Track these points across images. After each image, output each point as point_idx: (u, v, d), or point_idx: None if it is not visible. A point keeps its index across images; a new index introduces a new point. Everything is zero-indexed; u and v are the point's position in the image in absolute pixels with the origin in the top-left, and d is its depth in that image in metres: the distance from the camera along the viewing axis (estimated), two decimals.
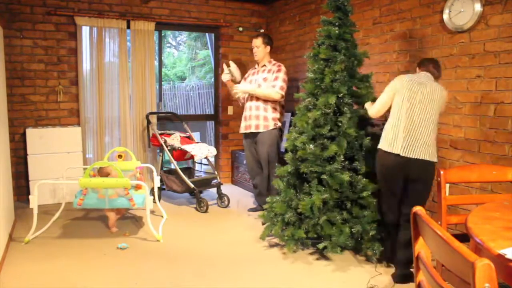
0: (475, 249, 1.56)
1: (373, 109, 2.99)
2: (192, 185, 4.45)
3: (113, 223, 3.75)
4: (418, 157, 2.66)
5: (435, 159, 2.73)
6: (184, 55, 11.29)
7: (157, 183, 4.14)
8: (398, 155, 2.70)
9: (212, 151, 4.75)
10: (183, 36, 11.23)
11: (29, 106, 4.70)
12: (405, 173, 2.74)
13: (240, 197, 5.07)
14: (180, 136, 4.94)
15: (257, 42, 4.29)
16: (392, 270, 2.95)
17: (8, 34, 4.44)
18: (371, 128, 3.36)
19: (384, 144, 2.80)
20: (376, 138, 3.01)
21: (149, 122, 4.99)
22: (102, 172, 3.68)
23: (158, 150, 5.11)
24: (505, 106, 2.87)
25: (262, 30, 5.81)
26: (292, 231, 3.17)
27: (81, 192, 3.49)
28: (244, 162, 5.39)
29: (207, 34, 6.25)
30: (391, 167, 2.78)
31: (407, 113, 2.71)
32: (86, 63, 4.86)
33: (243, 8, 5.70)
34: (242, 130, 4.36)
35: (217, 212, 4.44)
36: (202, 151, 4.60)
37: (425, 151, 2.67)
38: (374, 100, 3.16)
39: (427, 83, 2.74)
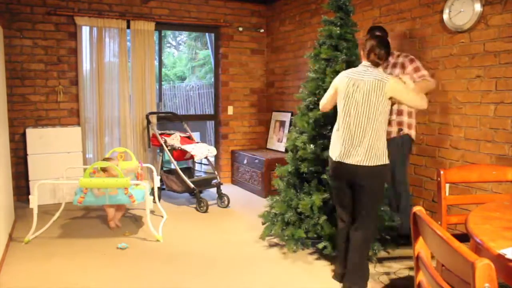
0: (475, 249, 1.56)
1: (320, 103, 2.88)
2: (192, 185, 4.45)
3: (112, 218, 3.76)
4: (358, 164, 2.49)
5: (381, 162, 2.51)
6: (184, 55, 11.29)
7: (157, 183, 4.14)
8: (338, 162, 2.56)
9: (212, 151, 4.75)
10: (183, 36, 11.23)
11: (29, 106, 4.70)
12: (348, 180, 2.60)
13: (240, 197, 5.07)
14: (180, 136, 4.94)
15: None
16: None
17: (8, 34, 4.44)
18: None
19: (330, 150, 2.72)
20: None
21: (149, 122, 4.99)
22: (110, 173, 3.69)
23: (158, 150, 5.11)
24: (505, 106, 2.87)
25: (262, 30, 5.82)
26: (292, 231, 3.17)
27: (81, 189, 3.50)
28: (245, 161, 5.40)
29: (207, 34, 6.25)
30: (334, 174, 2.67)
31: (344, 116, 2.56)
32: (86, 63, 4.86)
33: (243, 8, 5.71)
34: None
35: (217, 212, 4.44)
36: (202, 151, 4.60)
37: (367, 157, 2.48)
38: None
39: (364, 78, 2.51)
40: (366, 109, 2.48)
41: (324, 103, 2.83)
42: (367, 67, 2.56)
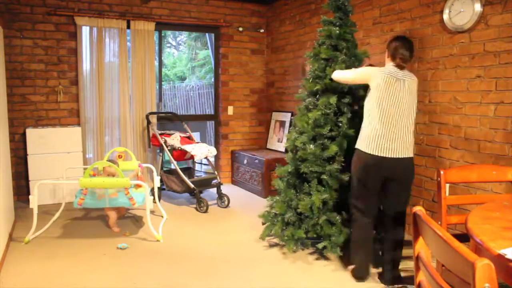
0: (475, 249, 1.56)
1: (341, 74, 2.94)
2: (192, 185, 4.45)
3: (114, 222, 3.76)
4: (399, 156, 2.62)
5: (412, 155, 2.71)
6: (184, 55, 11.28)
7: (157, 183, 4.14)
8: (377, 156, 2.63)
9: (212, 151, 4.75)
10: (183, 36, 11.22)
11: (29, 106, 4.70)
12: (384, 173, 2.68)
13: (240, 197, 5.07)
14: (180, 136, 4.94)
15: None
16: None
17: (8, 34, 4.44)
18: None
19: (362, 144, 2.73)
20: None
21: (149, 122, 4.99)
22: (106, 172, 3.69)
23: (158, 150, 5.11)
24: (505, 106, 2.87)
25: (262, 30, 5.82)
26: (292, 231, 3.17)
27: (81, 191, 3.50)
28: (245, 162, 5.39)
29: (207, 34, 6.25)
30: (371, 169, 2.70)
31: (383, 111, 2.63)
32: (86, 63, 4.87)
33: (243, 8, 5.71)
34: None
35: (217, 212, 4.44)
36: (202, 151, 4.60)
37: (405, 149, 2.64)
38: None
39: (406, 78, 2.67)
40: (410, 106, 2.67)
41: (349, 79, 2.89)
42: (395, 68, 2.70)
